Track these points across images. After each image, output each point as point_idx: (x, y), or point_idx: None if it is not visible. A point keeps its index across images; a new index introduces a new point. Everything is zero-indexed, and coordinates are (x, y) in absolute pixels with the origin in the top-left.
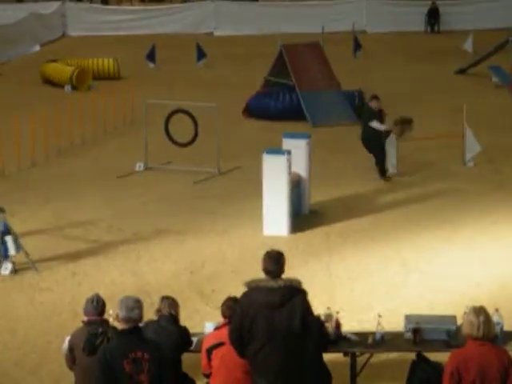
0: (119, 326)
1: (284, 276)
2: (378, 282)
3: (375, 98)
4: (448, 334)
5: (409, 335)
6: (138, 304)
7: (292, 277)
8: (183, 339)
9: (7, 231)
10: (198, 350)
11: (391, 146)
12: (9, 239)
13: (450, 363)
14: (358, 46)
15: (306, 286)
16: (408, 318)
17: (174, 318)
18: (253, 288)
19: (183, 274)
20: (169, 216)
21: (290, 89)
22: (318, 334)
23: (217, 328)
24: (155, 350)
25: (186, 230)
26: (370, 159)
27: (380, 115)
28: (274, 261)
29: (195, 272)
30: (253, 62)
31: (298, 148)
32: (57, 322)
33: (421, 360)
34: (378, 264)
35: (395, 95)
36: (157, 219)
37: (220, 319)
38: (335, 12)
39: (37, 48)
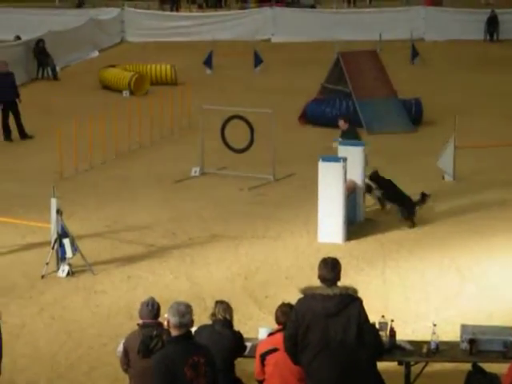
0: (171, 331)
1: (339, 284)
2: (434, 290)
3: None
4: (505, 345)
5: (465, 345)
6: (189, 309)
7: (348, 285)
8: (237, 344)
9: (64, 233)
10: (251, 356)
11: (449, 153)
12: (66, 241)
13: (508, 375)
14: (415, 53)
15: (360, 293)
16: (464, 327)
17: (228, 323)
18: (308, 295)
19: (237, 279)
20: (223, 221)
21: (346, 96)
22: (373, 342)
23: (271, 334)
24: (209, 354)
25: (241, 235)
26: (426, 168)
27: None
28: (331, 268)
29: (249, 277)
30: (310, 68)
31: (354, 155)
32: (112, 324)
33: (477, 371)
34: (434, 272)
35: (453, 103)
36: (211, 224)
37: (274, 325)
38: (393, 19)
39: (96, 53)
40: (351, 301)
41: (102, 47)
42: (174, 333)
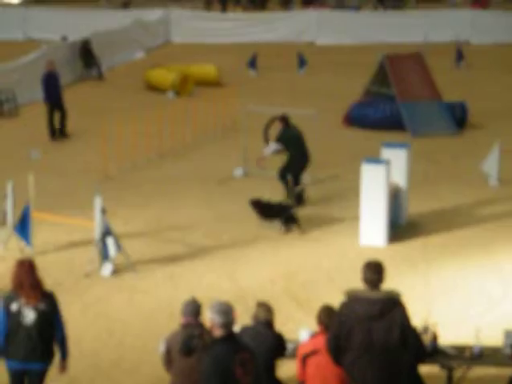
0: (214, 331)
1: (382, 287)
2: (477, 294)
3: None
4: None
5: (508, 351)
6: (231, 308)
7: (392, 288)
8: (279, 345)
9: (108, 232)
10: (292, 357)
11: (494, 157)
12: (110, 240)
13: None
14: (460, 56)
15: (403, 297)
16: (508, 333)
17: (269, 324)
18: (352, 298)
19: (279, 280)
20: (266, 222)
21: (390, 98)
22: (416, 346)
23: (312, 335)
24: (253, 351)
25: (283, 236)
26: (470, 171)
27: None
28: (374, 271)
29: (291, 278)
30: (354, 71)
31: (397, 158)
32: (154, 323)
33: None
34: (477, 277)
35: (498, 107)
36: (254, 225)
37: (315, 327)
38: (438, 22)
39: (141, 54)
40: (395, 305)
41: (147, 48)
42: (219, 332)
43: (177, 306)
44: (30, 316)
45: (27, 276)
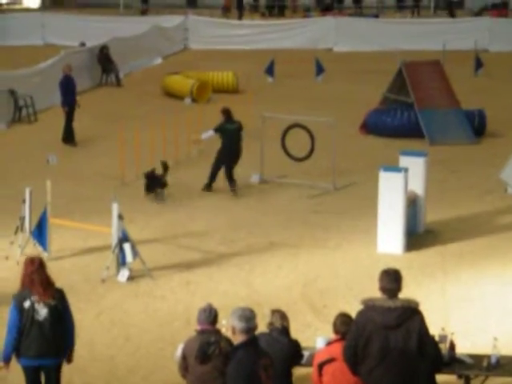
0: (235, 337)
1: (400, 295)
2: (494, 304)
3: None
4: None
5: None
6: (253, 314)
7: (409, 297)
8: (295, 352)
9: (125, 238)
10: (308, 364)
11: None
12: (126, 246)
13: None
14: (479, 64)
15: (420, 305)
16: None
17: (285, 331)
18: (369, 306)
19: (295, 288)
20: (282, 229)
21: (408, 106)
22: (433, 355)
23: (329, 343)
24: (271, 358)
25: (300, 243)
26: (489, 180)
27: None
28: (392, 279)
29: (307, 286)
30: (371, 78)
31: (415, 166)
32: (170, 329)
33: None
34: (495, 286)
35: None
36: (270, 232)
37: (331, 334)
38: (457, 30)
39: (159, 60)
40: (412, 314)
41: (166, 54)
42: (241, 338)
43: (193, 313)
44: (42, 312)
45: (38, 273)
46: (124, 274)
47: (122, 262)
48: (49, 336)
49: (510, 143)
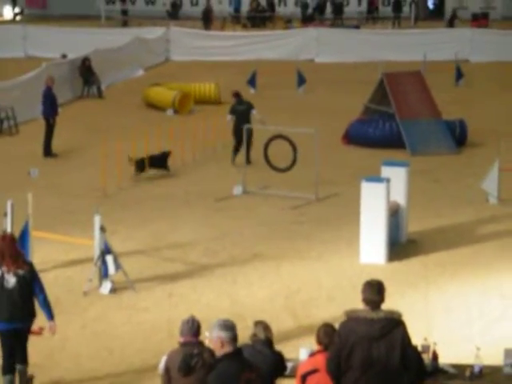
0: (223, 349)
1: (383, 306)
2: (477, 313)
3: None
4: None
5: (508, 370)
6: (234, 323)
7: (392, 308)
8: (278, 364)
9: (108, 250)
10: (292, 375)
11: (493, 176)
12: (109, 258)
13: None
14: (460, 75)
15: (403, 316)
16: (508, 352)
17: (269, 343)
18: (352, 318)
19: (278, 299)
20: (265, 240)
21: (389, 116)
22: (416, 365)
23: (312, 354)
24: (258, 370)
25: (283, 254)
26: (470, 190)
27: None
28: (375, 291)
29: (290, 297)
30: (353, 88)
31: (397, 176)
32: (153, 341)
33: None
34: (478, 296)
35: (498, 126)
36: (253, 243)
37: (314, 345)
38: (438, 41)
39: (140, 72)
40: (395, 325)
41: (147, 66)
42: (227, 349)
43: (176, 324)
44: (11, 281)
45: (8, 247)
46: (107, 286)
47: (104, 274)
48: (18, 302)
49: (490, 153)
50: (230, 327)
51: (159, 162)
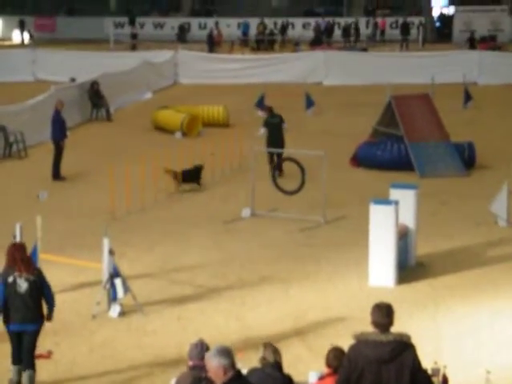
0: (226, 375)
1: (392, 329)
2: (488, 337)
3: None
4: None
5: None
6: (230, 348)
7: (401, 331)
8: None
9: (116, 273)
10: None
11: (502, 198)
12: (118, 282)
13: None
14: (468, 97)
15: (412, 339)
16: None
17: (278, 366)
18: (362, 341)
19: (287, 321)
20: (274, 263)
21: (398, 139)
22: None
23: (321, 378)
24: None
25: (291, 277)
26: (479, 212)
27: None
28: (384, 314)
29: (299, 319)
30: (361, 111)
31: (405, 198)
32: (162, 365)
33: None
34: (488, 318)
35: (506, 148)
36: (262, 265)
37: (324, 369)
38: (446, 63)
39: (149, 95)
40: (405, 348)
41: (156, 89)
42: (229, 374)
43: (185, 348)
44: (23, 286)
45: (19, 253)
46: (115, 309)
47: (113, 298)
48: (30, 305)
49: (499, 175)
50: (228, 353)
51: (192, 176)
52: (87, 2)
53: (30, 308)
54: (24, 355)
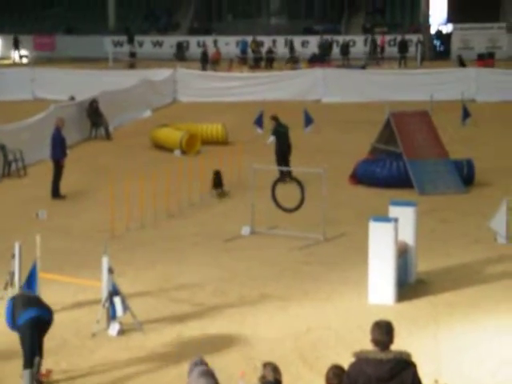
0: None
1: (392, 347)
2: (488, 354)
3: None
4: None
5: None
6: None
7: (401, 349)
8: None
9: (115, 292)
10: None
11: (502, 215)
12: (117, 300)
13: None
14: (466, 114)
15: (412, 357)
16: None
17: None
18: (362, 359)
19: (287, 340)
20: (273, 281)
21: (397, 156)
22: None
23: None
24: None
25: (291, 295)
26: (478, 229)
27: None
28: (384, 331)
29: (299, 338)
30: (360, 128)
31: (405, 216)
32: (161, 383)
33: None
34: (488, 336)
35: (505, 165)
36: (261, 284)
37: None
38: (444, 81)
39: (148, 113)
40: (405, 366)
41: (155, 107)
42: None
43: (184, 366)
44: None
45: None
46: (115, 327)
47: (112, 316)
48: (40, 299)
49: (498, 192)
50: (212, 375)
51: (216, 182)
52: (86, 21)
53: (41, 300)
54: (38, 346)
